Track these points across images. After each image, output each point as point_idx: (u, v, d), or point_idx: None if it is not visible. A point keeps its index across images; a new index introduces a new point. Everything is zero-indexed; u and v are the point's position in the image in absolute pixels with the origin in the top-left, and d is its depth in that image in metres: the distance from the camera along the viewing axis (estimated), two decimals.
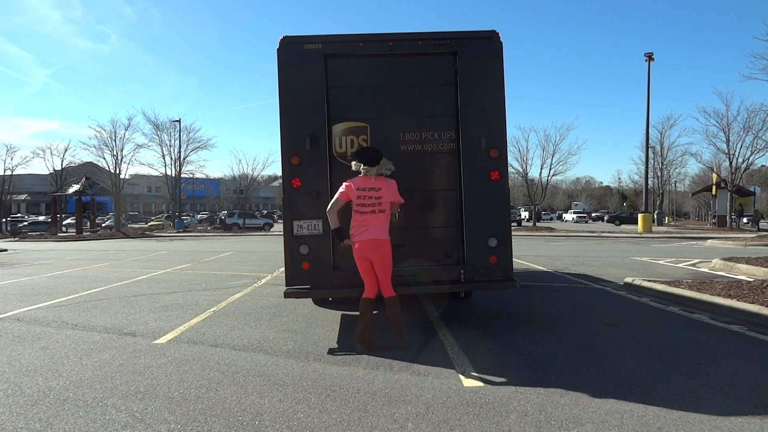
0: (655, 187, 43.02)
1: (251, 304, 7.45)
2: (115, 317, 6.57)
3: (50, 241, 28.35)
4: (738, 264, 10.70)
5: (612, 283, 9.29)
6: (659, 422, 3.16)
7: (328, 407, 3.45)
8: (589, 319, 6.20)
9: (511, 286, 5.45)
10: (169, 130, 42.16)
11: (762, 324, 5.67)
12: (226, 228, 38.94)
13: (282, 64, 5.38)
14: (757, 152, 30.91)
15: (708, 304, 6.64)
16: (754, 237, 22.09)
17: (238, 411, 3.40)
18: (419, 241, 5.52)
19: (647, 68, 29.76)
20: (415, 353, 4.73)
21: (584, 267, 11.91)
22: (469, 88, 5.45)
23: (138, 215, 62.75)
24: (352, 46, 5.55)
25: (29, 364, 4.52)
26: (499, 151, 5.44)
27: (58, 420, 3.28)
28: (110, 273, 11.83)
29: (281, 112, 5.37)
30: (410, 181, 5.50)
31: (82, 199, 34.15)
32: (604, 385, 3.82)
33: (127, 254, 17.73)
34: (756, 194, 38.24)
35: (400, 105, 5.55)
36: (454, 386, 3.85)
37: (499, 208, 5.45)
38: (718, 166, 36.21)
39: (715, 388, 3.75)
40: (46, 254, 18.41)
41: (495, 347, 4.92)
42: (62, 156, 40.00)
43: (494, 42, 5.50)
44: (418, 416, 3.28)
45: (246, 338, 5.37)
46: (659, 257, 14.28)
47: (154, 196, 71.74)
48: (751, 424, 3.13)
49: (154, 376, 4.13)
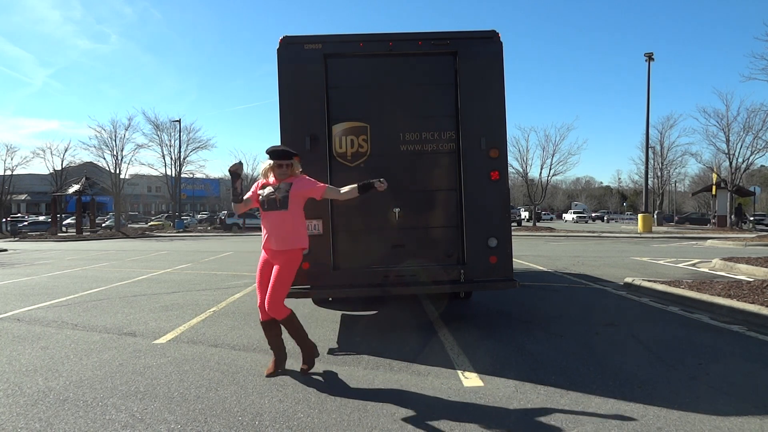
0: (655, 187, 43.03)
1: (251, 304, 7.44)
2: (115, 317, 6.57)
3: (50, 241, 28.35)
4: (738, 264, 10.69)
5: (612, 283, 9.29)
6: (659, 422, 3.16)
7: (328, 407, 3.45)
8: (589, 319, 6.20)
9: (511, 286, 5.45)
10: (169, 130, 42.25)
11: (762, 324, 5.67)
12: (226, 228, 38.94)
13: (282, 64, 5.39)
14: (757, 152, 30.91)
15: (708, 304, 6.64)
16: (754, 237, 22.10)
17: (238, 411, 3.40)
18: (419, 241, 5.52)
19: (647, 68, 29.73)
20: (415, 353, 4.73)
21: (584, 267, 11.91)
22: (469, 88, 5.46)
23: (138, 215, 62.78)
24: (352, 46, 5.55)
25: (29, 364, 4.52)
26: (499, 151, 5.44)
27: (58, 420, 3.28)
28: (110, 273, 11.82)
29: (281, 112, 5.37)
30: (410, 181, 5.51)
31: (82, 199, 34.14)
32: (604, 385, 3.82)
33: (127, 254, 17.73)
34: (756, 194, 38.22)
35: (400, 105, 5.55)
36: (454, 386, 3.85)
37: (499, 208, 5.45)
38: (718, 166, 36.20)
39: (715, 388, 3.75)
40: (46, 254, 18.41)
41: (495, 347, 4.92)
42: (62, 156, 40.11)
43: (494, 42, 5.50)
44: (418, 416, 3.28)
45: (246, 338, 5.37)
46: (659, 257, 14.28)
47: (154, 196, 71.83)
48: (751, 424, 3.13)
49: (154, 376, 4.13)
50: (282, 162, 4.16)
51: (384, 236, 5.49)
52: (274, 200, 4.11)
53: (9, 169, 37.95)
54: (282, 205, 4.09)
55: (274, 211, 4.10)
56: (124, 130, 37.51)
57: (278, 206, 4.09)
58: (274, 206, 4.10)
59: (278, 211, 4.09)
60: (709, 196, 39.41)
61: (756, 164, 37.12)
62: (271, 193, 4.13)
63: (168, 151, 42.43)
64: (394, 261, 5.45)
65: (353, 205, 5.27)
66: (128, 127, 37.76)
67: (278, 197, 4.10)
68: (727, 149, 31.74)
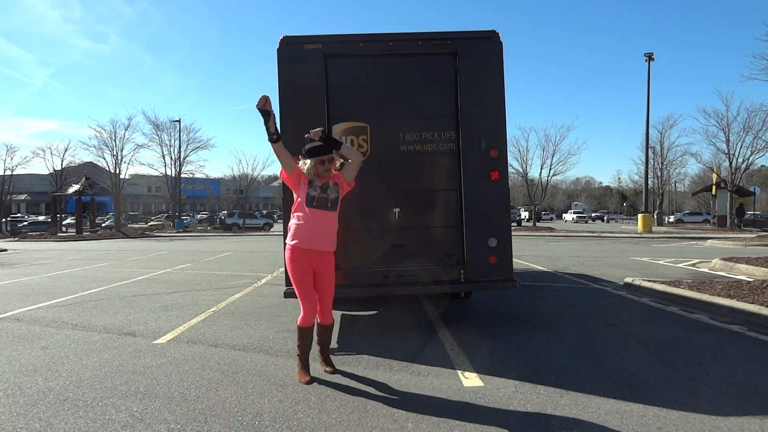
0: (655, 187, 43.02)
1: (251, 304, 7.45)
2: (115, 317, 6.57)
3: (50, 241, 28.34)
4: (738, 264, 10.69)
5: (612, 283, 9.29)
6: (659, 422, 3.16)
7: (328, 407, 3.45)
8: (589, 319, 6.20)
9: (511, 286, 5.45)
10: (169, 130, 42.28)
11: (762, 324, 5.67)
12: (226, 228, 38.95)
13: (282, 64, 5.38)
14: (757, 152, 30.89)
15: (708, 304, 6.64)
16: (754, 237, 22.09)
17: (238, 411, 3.40)
18: (419, 241, 5.52)
19: (647, 68, 29.76)
20: (415, 353, 4.73)
21: (584, 267, 11.91)
22: (469, 88, 5.46)
23: (138, 215, 62.80)
24: (352, 46, 5.55)
25: (29, 364, 4.52)
26: (499, 151, 5.44)
27: (58, 420, 3.28)
28: (110, 273, 11.82)
29: (281, 112, 5.37)
30: (410, 181, 5.51)
31: (82, 199, 34.15)
32: (604, 385, 3.82)
33: (126, 254, 17.73)
34: (756, 194, 38.22)
35: (400, 105, 5.54)
36: (454, 386, 3.85)
37: (499, 208, 5.45)
38: (718, 166, 36.19)
39: (715, 388, 3.75)
40: (46, 254, 18.41)
41: (495, 347, 4.92)
42: (62, 156, 40.06)
43: (494, 42, 5.50)
44: (418, 416, 3.28)
45: (246, 338, 5.37)
46: (659, 257, 14.28)
47: (154, 196, 71.80)
48: (751, 424, 3.13)
49: (154, 376, 4.13)
50: (323, 158, 3.93)
51: (384, 236, 5.49)
52: (326, 200, 3.92)
53: (9, 169, 37.99)
54: (333, 206, 3.95)
55: (324, 211, 3.91)
56: (124, 130, 37.57)
57: (329, 207, 3.93)
58: (325, 206, 3.92)
59: (329, 212, 3.93)
60: (709, 196, 39.39)
61: (756, 164, 37.19)
62: (323, 191, 3.93)
63: (168, 151, 42.51)
64: (394, 261, 5.45)
65: (353, 205, 5.27)
66: (128, 127, 37.83)
67: (331, 198, 3.94)
68: (727, 149, 31.76)
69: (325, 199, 3.92)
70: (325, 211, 3.92)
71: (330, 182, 4.00)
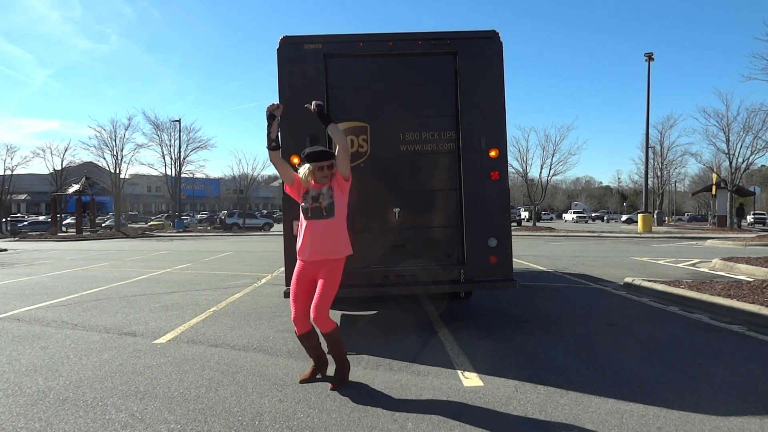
0: (655, 187, 43.03)
1: (251, 304, 7.45)
2: (115, 317, 6.57)
3: (50, 240, 28.33)
4: (738, 264, 10.69)
5: (612, 283, 9.29)
6: (659, 422, 3.16)
7: (328, 407, 3.45)
8: (589, 319, 6.20)
9: (511, 286, 5.45)
10: (169, 130, 42.28)
11: (762, 324, 5.67)
12: (226, 228, 38.93)
13: (282, 64, 5.38)
14: (757, 152, 30.88)
15: (708, 304, 6.64)
16: (754, 237, 22.09)
17: (238, 411, 3.40)
18: (419, 241, 5.52)
19: (647, 68, 29.78)
20: (415, 353, 4.73)
21: (584, 267, 11.91)
22: (469, 88, 5.46)
23: (138, 215, 62.76)
24: (352, 46, 5.55)
25: (29, 364, 4.52)
26: (499, 151, 5.44)
27: (58, 420, 3.28)
28: (110, 273, 11.82)
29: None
30: (410, 181, 5.51)
31: (82, 199, 34.14)
32: (604, 385, 3.82)
33: (126, 254, 17.73)
34: (756, 194, 38.21)
35: (400, 105, 5.55)
36: (454, 386, 3.85)
37: (499, 208, 5.45)
38: (718, 166, 36.19)
39: (715, 388, 3.75)
40: (46, 254, 18.41)
41: (495, 347, 4.92)
42: (62, 156, 40.04)
43: (494, 42, 5.50)
44: (418, 416, 3.28)
45: (246, 338, 5.37)
46: (659, 257, 14.28)
47: (154, 196, 71.81)
48: (751, 424, 3.13)
49: (154, 376, 4.13)
50: (322, 164, 3.84)
51: (384, 236, 5.48)
52: (319, 209, 3.80)
53: (9, 169, 37.96)
54: (329, 212, 3.81)
55: (319, 220, 3.81)
56: (124, 129, 37.54)
57: (324, 215, 3.80)
58: (319, 215, 3.81)
59: (324, 220, 3.81)
60: (709, 196, 39.38)
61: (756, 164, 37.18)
62: (315, 201, 3.82)
63: (168, 151, 42.52)
64: (394, 261, 5.45)
65: (353, 205, 5.27)
66: (128, 126, 37.80)
67: (324, 205, 3.81)
68: (727, 149, 31.75)
69: (319, 208, 3.81)
70: (320, 220, 3.81)
71: (324, 188, 3.88)
